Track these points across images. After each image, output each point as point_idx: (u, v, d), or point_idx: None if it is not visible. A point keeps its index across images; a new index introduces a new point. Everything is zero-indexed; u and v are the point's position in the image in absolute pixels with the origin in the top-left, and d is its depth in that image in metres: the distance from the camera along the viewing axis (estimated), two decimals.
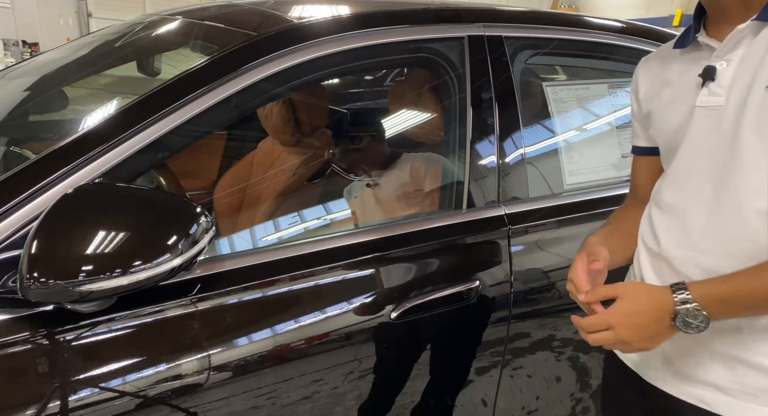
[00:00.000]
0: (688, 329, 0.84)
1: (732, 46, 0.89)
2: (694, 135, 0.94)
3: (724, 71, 0.89)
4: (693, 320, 0.83)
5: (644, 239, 1.05)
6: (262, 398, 1.16)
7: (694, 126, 0.94)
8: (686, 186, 0.95)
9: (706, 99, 0.91)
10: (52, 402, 0.96)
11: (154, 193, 1.19)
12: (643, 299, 0.87)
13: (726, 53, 0.90)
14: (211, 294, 1.13)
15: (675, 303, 0.84)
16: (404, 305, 1.29)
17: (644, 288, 0.90)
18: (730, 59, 0.89)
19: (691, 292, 0.83)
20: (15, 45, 9.96)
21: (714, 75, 0.90)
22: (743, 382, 0.91)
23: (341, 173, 1.94)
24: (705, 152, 0.92)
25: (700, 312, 0.83)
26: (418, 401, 1.39)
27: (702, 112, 0.92)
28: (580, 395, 1.65)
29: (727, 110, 0.88)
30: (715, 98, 0.90)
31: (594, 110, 1.71)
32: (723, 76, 0.89)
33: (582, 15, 1.83)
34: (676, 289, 0.85)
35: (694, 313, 0.83)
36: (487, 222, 1.45)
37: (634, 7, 11.83)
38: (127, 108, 1.17)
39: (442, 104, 1.60)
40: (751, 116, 0.85)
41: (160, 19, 1.84)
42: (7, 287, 0.99)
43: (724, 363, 0.92)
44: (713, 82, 0.91)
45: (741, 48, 0.88)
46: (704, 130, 0.92)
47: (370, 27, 1.39)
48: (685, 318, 0.83)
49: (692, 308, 0.83)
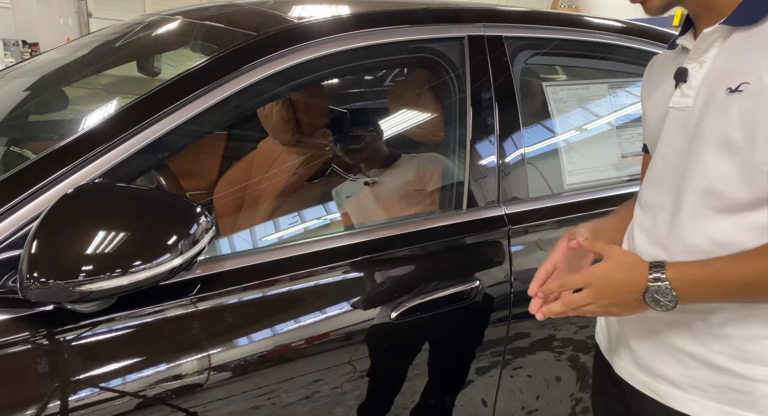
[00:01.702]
0: (657, 305, 0.86)
1: (704, 48, 0.91)
2: (667, 135, 0.96)
3: (696, 73, 0.91)
4: (662, 298, 0.86)
5: (627, 237, 1.08)
6: (262, 398, 1.16)
7: (666, 126, 0.96)
8: (660, 185, 0.98)
9: (678, 100, 0.94)
10: (52, 402, 0.96)
11: (154, 193, 1.19)
12: (623, 267, 0.90)
13: (699, 55, 0.92)
14: (211, 294, 1.13)
15: (648, 280, 0.86)
16: (404, 305, 1.29)
17: (629, 258, 0.91)
18: (702, 61, 0.91)
19: (666, 271, 0.86)
20: (15, 45, 9.95)
21: (686, 77, 0.92)
22: (694, 376, 0.93)
23: (341, 173, 1.94)
24: (674, 151, 0.94)
25: (670, 292, 0.85)
26: (418, 401, 1.39)
27: (673, 112, 0.94)
28: (580, 395, 1.65)
29: (693, 111, 0.90)
30: (685, 100, 0.92)
31: (594, 110, 1.71)
32: (693, 78, 0.91)
33: (582, 15, 1.83)
34: (653, 266, 0.87)
35: (664, 291, 0.85)
36: (487, 222, 1.45)
37: (634, 7, 11.81)
38: (127, 108, 1.17)
39: (442, 103, 1.60)
40: (710, 118, 0.86)
41: (160, 19, 1.84)
42: (7, 287, 0.99)
43: (677, 358, 0.95)
44: (685, 83, 0.93)
45: (712, 50, 0.90)
46: (674, 130, 0.94)
47: (370, 27, 1.39)
48: (654, 294, 0.86)
49: (663, 286, 0.85)
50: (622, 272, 0.89)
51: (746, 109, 0.81)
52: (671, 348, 0.96)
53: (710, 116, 0.87)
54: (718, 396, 0.91)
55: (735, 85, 0.83)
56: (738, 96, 0.83)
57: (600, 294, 0.89)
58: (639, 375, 1.01)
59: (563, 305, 0.92)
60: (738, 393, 0.89)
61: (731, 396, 0.90)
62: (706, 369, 0.92)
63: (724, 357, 0.90)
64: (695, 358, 0.93)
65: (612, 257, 0.91)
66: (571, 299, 0.91)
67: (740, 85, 0.82)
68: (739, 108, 0.82)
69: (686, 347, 0.94)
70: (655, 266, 0.87)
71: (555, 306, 0.92)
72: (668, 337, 0.96)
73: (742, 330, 0.88)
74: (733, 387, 0.89)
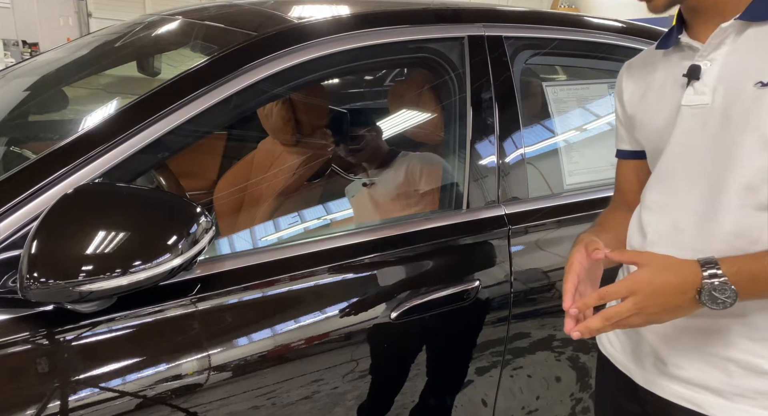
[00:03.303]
0: (714, 304, 0.81)
1: (715, 45, 0.90)
2: (681, 134, 0.94)
3: (709, 70, 0.90)
4: (720, 294, 0.80)
5: (631, 239, 1.05)
6: (262, 398, 1.16)
7: (680, 125, 0.94)
8: (675, 184, 0.95)
9: (692, 98, 0.92)
10: (52, 402, 0.96)
11: (154, 193, 1.19)
12: (669, 268, 0.84)
13: (710, 52, 0.90)
14: (211, 294, 1.13)
15: (703, 277, 0.81)
16: (404, 305, 1.28)
17: (670, 259, 0.86)
18: (713, 58, 0.90)
19: (721, 267, 0.81)
20: (15, 45, 9.95)
21: (699, 74, 0.91)
22: (736, 384, 0.89)
23: (341, 173, 1.94)
24: (693, 150, 0.92)
25: (729, 287, 0.80)
26: (417, 401, 1.39)
27: (688, 110, 0.92)
28: (580, 395, 1.65)
29: (713, 108, 0.89)
30: (700, 97, 0.91)
31: (594, 110, 1.71)
32: (708, 75, 0.90)
33: (582, 15, 1.83)
34: (706, 263, 0.82)
35: (722, 287, 0.80)
36: (487, 222, 1.45)
37: (634, 7, 11.82)
38: (127, 108, 1.17)
39: (442, 104, 1.60)
40: (740, 114, 0.85)
41: (160, 19, 1.84)
42: (7, 287, 0.99)
43: (717, 365, 0.91)
44: (698, 81, 0.91)
45: (724, 47, 0.89)
46: (691, 128, 0.92)
47: (370, 27, 1.39)
48: (712, 292, 0.80)
49: (720, 282, 0.80)
50: (671, 274, 0.83)
51: None
52: (709, 356, 0.92)
53: (740, 111, 0.85)
54: (765, 403, 0.87)
55: (767, 79, 0.82)
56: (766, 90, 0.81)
57: (647, 301, 0.82)
58: (672, 386, 0.96)
59: (604, 319, 0.83)
60: None
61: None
62: (752, 376, 0.88)
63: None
64: (738, 364, 0.89)
65: (651, 261, 0.85)
66: (614, 312, 0.82)
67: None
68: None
69: (726, 353, 0.90)
70: (708, 262, 0.82)
71: (593, 322, 0.83)
72: (704, 344, 0.92)
73: None
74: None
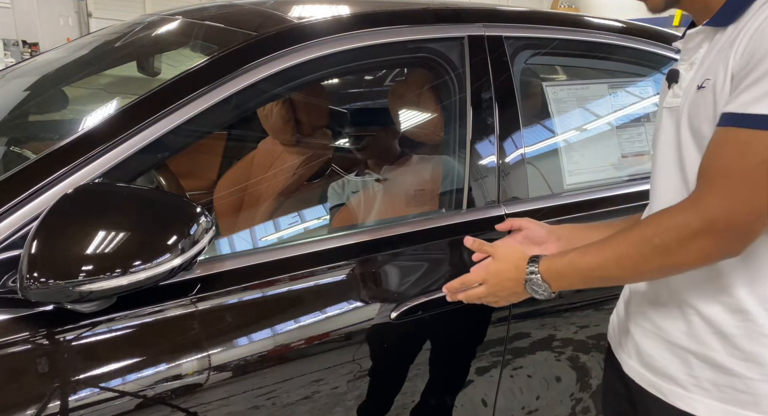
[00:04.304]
0: (535, 294, 1.00)
1: (693, 49, 0.93)
2: (661, 135, 0.99)
3: (686, 74, 0.94)
4: (537, 288, 0.99)
5: None
6: (262, 398, 1.16)
7: (661, 126, 0.99)
8: (657, 180, 1.01)
9: (670, 100, 0.96)
10: (52, 402, 0.95)
11: (154, 193, 1.19)
12: (509, 263, 1.03)
13: (689, 57, 0.94)
14: (211, 294, 1.13)
15: (526, 273, 0.99)
16: (404, 305, 1.28)
17: (513, 254, 1.04)
18: (692, 63, 0.93)
19: (539, 265, 0.98)
20: (15, 45, 9.96)
21: (677, 78, 0.95)
22: (696, 375, 0.93)
23: (341, 172, 1.94)
24: (666, 149, 0.97)
25: (543, 283, 0.98)
26: (418, 401, 1.39)
27: (666, 112, 0.97)
28: (580, 395, 1.65)
29: (681, 110, 0.93)
30: (675, 100, 0.95)
31: (594, 110, 1.71)
32: (683, 79, 0.94)
33: (582, 15, 1.83)
34: (531, 261, 1.00)
35: (538, 283, 0.98)
36: (487, 222, 1.44)
37: (634, 7, 11.82)
38: (127, 108, 1.17)
39: (442, 103, 1.60)
40: (685, 115, 0.90)
41: (160, 19, 1.84)
42: (7, 287, 0.99)
43: (680, 356, 0.95)
44: (676, 84, 0.96)
45: (701, 51, 0.92)
46: (667, 129, 0.97)
47: (370, 27, 1.39)
48: (532, 286, 1.00)
49: (536, 278, 0.98)
50: (509, 268, 1.02)
51: (708, 102, 0.85)
52: (674, 347, 0.96)
53: (686, 112, 0.90)
54: (720, 395, 0.91)
55: (701, 82, 0.87)
56: (702, 92, 0.87)
57: (495, 288, 1.04)
58: (645, 373, 1.01)
59: (466, 297, 1.08)
60: (740, 392, 0.89)
61: (734, 395, 0.89)
62: (708, 368, 0.92)
63: (726, 357, 0.90)
64: (697, 357, 0.93)
65: (499, 255, 1.06)
66: (472, 293, 1.07)
67: (704, 82, 0.87)
68: (703, 103, 0.86)
69: (688, 345, 0.94)
70: (532, 260, 0.99)
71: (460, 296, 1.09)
72: (671, 335, 0.96)
73: (742, 329, 0.88)
74: (735, 386, 0.89)
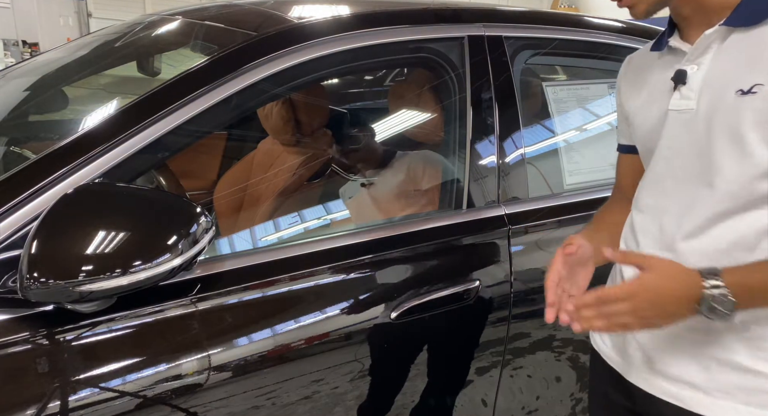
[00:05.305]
0: (712, 314, 0.81)
1: (702, 50, 0.90)
2: (669, 138, 0.95)
3: (695, 75, 0.91)
4: (720, 306, 0.80)
5: (626, 242, 1.06)
6: (262, 398, 1.16)
7: (667, 129, 0.95)
8: (664, 187, 0.97)
9: (678, 102, 0.93)
10: (52, 402, 0.95)
11: (154, 193, 1.19)
12: (673, 277, 0.84)
13: (696, 57, 0.91)
14: (211, 294, 1.13)
15: (704, 287, 0.81)
16: (404, 305, 1.28)
17: (674, 267, 0.85)
18: (700, 63, 0.91)
19: (723, 278, 0.81)
20: (15, 45, 9.96)
21: (685, 79, 0.92)
22: (716, 379, 0.91)
23: (341, 173, 1.94)
24: (679, 154, 0.93)
25: (729, 299, 0.80)
26: (418, 401, 1.39)
27: (674, 115, 0.93)
28: (580, 395, 1.65)
29: (698, 114, 0.89)
30: (686, 102, 0.91)
31: (594, 110, 1.71)
32: (693, 80, 0.91)
33: (582, 15, 1.83)
34: (708, 274, 0.82)
35: (722, 299, 0.80)
36: (487, 222, 1.45)
37: None
38: (127, 108, 1.17)
39: (442, 103, 1.60)
40: (721, 120, 0.86)
41: (160, 19, 1.84)
42: (7, 287, 0.99)
43: (699, 361, 0.92)
44: (684, 85, 0.92)
45: (710, 52, 0.90)
46: (677, 133, 0.93)
47: (370, 27, 1.39)
48: (711, 302, 0.81)
49: (720, 294, 0.80)
50: (675, 283, 0.83)
51: (760, 109, 0.81)
52: (691, 352, 0.93)
53: (721, 118, 0.86)
54: (745, 398, 0.88)
55: (747, 87, 0.83)
56: (750, 98, 0.82)
57: (646, 306, 0.82)
58: (657, 381, 0.98)
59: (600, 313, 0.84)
60: (766, 394, 0.87)
61: (759, 397, 0.88)
62: (731, 372, 0.89)
63: (751, 359, 0.88)
64: (720, 362, 0.90)
65: (656, 266, 0.84)
66: (610, 310, 0.83)
67: (753, 87, 0.82)
68: (752, 109, 0.82)
69: (708, 350, 0.91)
70: (710, 272, 0.82)
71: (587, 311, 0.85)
72: (688, 341, 0.93)
73: (766, 330, 0.87)
74: (763, 388, 0.87)
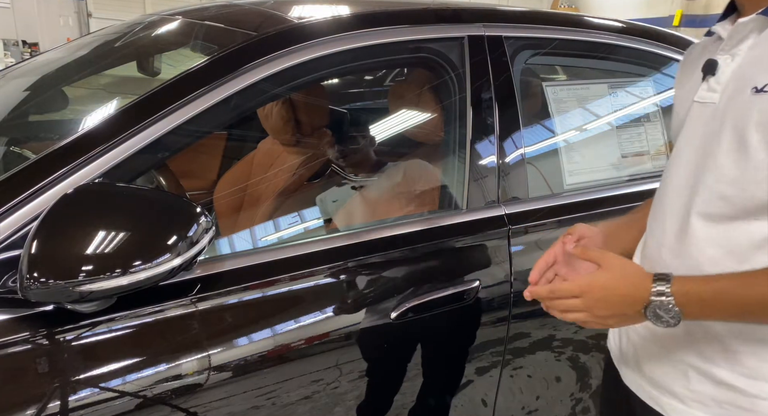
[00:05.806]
0: (657, 321, 0.80)
1: (737, 40, 0.84)
2: (687, 131, 0.90)
3: (726, 67, 0.84)
4: (664, 314, 0.79)
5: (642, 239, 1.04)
6: (262, 398, 1.16)
7: (688, 121, 0.90)
8: (671, 184, 0.93)
9: (703, 94, 0.87)
10: (52, 402, 0.95)
11: (154, 193, 1.19)
12: (624, 277, 0.83)
13: (731, 47, 0.85)
14: (211, 294, 1.13)
15: (651, 293, 0.80)
16: (404, 305, 1.28)
17: (629, 267, 0.85)
18: (735, 54, 0.84)
19: (672, 285, 0.79)
20: (15, 45, 9.95)
21: (715, 70, 0.85)
22: (696, 390, 0.89)
23: (341, 173, 1.94)
24: (691, 148, 0.88)
25: (673, 308, 0.79)
26: (417, 401, 1.38)
27: (697, 107, 0.88)
28: (580, 395, 1.65)
29: (718, 109, 0.84)
30: (711, 94, 0.86)
31: (594, 110, 1.71)
32: (723, 72, 0.85)
33: (582, 15, 1.83)
34: (658, 279, 0.80)
35: (667, 307, 0.79)
36: (487, 222, 1.45)
37: (634, 7, 11.82)
38: (127, 108, 1.17)
39: (442, 103, 1.59)
40: (731, 118, 0.80)
41: (160, 19, 1.84)
42: (7, 287, 0.99)
43: (681, 370, 0.91)
44: (713, 77, 0.86)
45: (747, 42, 0.83)
46: (695, 126, 0.88)
47: (370, 27, 1.39)
48: (656, 310, 0.80)
49: (666, 301, 0.79)
50: (624, 284, 0.82)
51: (766, 110, 0.75)
52: (675, 361, 0.92)
53: (732, 115, 0.80)
54: (720, 411, 0.87)
55: (761, 85, 0.77)
56: (760, 97, 0.76)
57: (596, 304, 0.83)
58: (645, 386, 0.98)
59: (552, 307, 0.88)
60: (742, 410, 0.85)
61: (734, 412, 0.86)
62: (709, 384, 0.88)
63: (729, 373, 0.86)
64: (699, 372, 0.89)
65: (611, 266, 0.84)
66: (562, 304, 0.86)
67: (766, 86, 0.76)
68: (759, 109, 0.76)
69: (690, 360, 0.90)
70: (660, 279, 0.80)
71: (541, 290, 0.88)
72: (673, 349, 0.92)
73: (747, 346, 0.84)
74: (737, 403, 0.85)
